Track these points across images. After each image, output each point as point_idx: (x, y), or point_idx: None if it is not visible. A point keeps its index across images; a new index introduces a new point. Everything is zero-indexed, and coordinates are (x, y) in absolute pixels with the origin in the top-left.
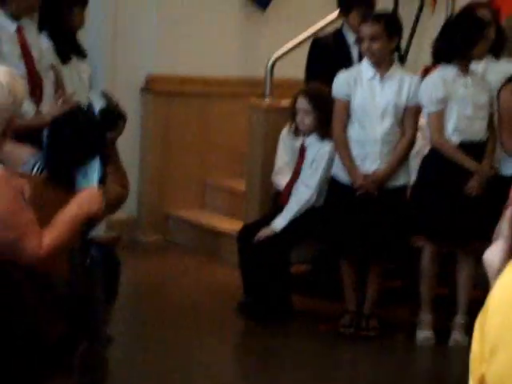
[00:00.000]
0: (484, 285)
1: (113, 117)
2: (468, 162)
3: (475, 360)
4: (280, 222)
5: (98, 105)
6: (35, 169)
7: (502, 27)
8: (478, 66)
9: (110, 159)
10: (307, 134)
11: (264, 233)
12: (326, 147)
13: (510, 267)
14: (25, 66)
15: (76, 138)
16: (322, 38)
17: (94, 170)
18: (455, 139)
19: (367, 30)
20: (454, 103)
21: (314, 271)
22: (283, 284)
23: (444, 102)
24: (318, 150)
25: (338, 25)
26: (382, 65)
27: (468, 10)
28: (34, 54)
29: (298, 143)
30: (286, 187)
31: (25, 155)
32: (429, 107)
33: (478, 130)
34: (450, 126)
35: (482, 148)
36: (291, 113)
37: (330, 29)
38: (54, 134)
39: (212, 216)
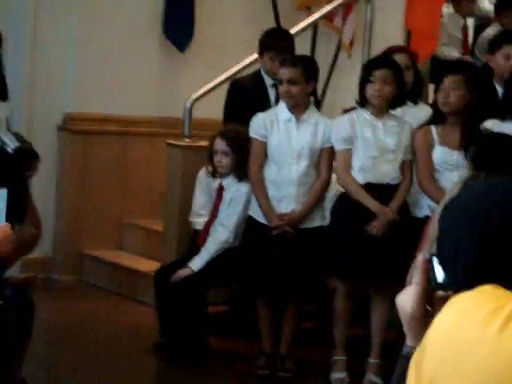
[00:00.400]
0: (398, 326)
1: (28, 156)
2: (370, 202)
3: None
4: (197, 263)
5: (12, 145)
6: None
7: (420, 72)
8: (397, 111)
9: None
10: (225, 175)
11: (181, 273)
12: (244, 188)
13: (448, 307)
14: None
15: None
16: (240, 79)
17: (1, 208)
18: (361, 179)
19: (286, 73)
20: (359, 144)
21: (231, 312)
22: (200, 324)
23: (350, 141)
24: (236, 191)
25: (257, 67)
26: (298, 108)
27: (384, 55)
28: None
29: (215, 184)
30: (203, 228)
31: None
32: (336, 146)
33: (385, 173)
34: (356, 165)
35: (392, 191)
36: (208, 154)
37: (249, 71)
38: None
39: (129, 256)
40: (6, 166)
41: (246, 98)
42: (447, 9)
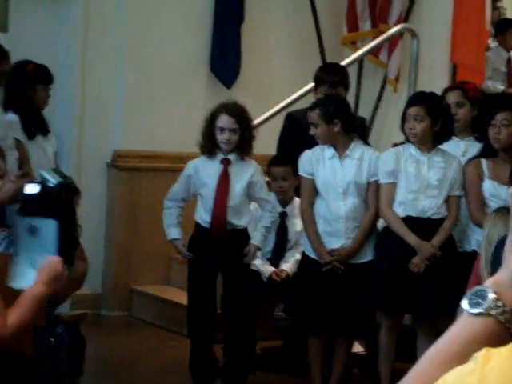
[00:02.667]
0: None
1: (72, 190)
2: (409, 237)
3: None
4: (259, 238)
5: (54, 180)
6: (1, 247)
7: (482, 106)
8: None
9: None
10: (227, 152)
11: (252, 254)
12: (255, 169)
13: (484, 366)
14: None
15: (47, 213)
16: (294, 112)
17: (52, 239)
18: (400, 212)
19: (310, 116)
20: (402, 178)
21: (282, 347)
22: (248, 362)
23: (394, 175)
24: (252, 175)
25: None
26: (337, 144)
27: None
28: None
29: (213, 163)
30: (215, 213)
31: None
32: (380, 179)
33: (426, 208)
34: (397, 199)
35: (434, 225)
36: (207, 130)
37: (299, 104)
38: (25, 210)
39: (177, 291)
40: (51, 200)
41: (300, 131)
42: (492, 42)
